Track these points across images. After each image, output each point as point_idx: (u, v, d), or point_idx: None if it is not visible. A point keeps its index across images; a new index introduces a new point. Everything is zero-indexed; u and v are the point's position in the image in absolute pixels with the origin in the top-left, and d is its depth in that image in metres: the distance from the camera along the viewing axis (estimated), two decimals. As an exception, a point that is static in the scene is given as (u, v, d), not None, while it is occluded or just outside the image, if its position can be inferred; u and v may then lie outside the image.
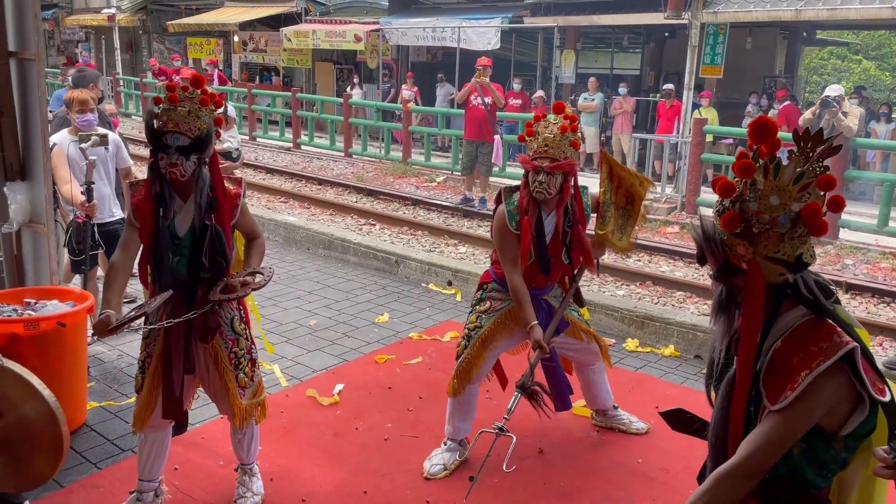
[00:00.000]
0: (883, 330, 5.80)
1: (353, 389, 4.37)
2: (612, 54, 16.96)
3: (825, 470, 1.74)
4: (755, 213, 1.71)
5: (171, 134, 2.72)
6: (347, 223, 9.47)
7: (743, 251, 1.73)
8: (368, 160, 14.38)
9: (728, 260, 1.76)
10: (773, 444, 1.68)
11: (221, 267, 2.88)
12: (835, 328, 1.71)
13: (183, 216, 2.86)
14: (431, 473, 3.49)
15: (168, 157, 2.73)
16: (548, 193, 3.24)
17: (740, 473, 1.71)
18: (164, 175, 2.78)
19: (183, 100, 2.76)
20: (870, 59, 30.48)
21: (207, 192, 2.82)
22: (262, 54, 20.51)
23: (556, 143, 3.20)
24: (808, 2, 11.69)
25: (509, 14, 15.06)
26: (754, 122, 1.77)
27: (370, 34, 16.90)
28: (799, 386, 1.65)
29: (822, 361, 1.65)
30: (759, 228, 1.72)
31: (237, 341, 3.01)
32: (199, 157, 2.79)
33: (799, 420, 1.67)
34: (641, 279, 7.11)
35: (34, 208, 4.19)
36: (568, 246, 3.41)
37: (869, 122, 11.95)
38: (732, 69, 13.29)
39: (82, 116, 4.68)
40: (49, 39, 27.45)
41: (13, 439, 2.54)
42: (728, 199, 1.75)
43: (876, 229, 8.47)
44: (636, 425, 3.90)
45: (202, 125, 2.77)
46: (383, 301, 6.08)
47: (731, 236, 1.74)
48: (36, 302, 3.75)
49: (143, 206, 2.84)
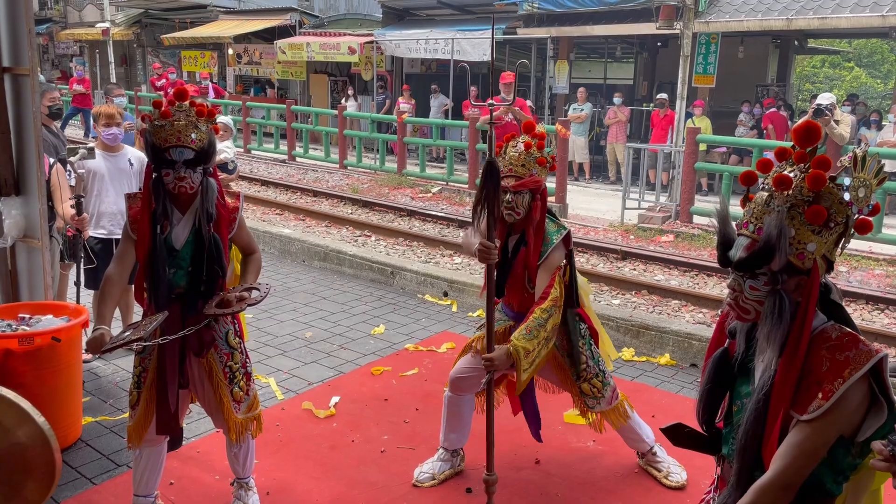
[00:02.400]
0: (878, 337, 5.81)
1: (349, 402, 4.36)
2: (605, 64, 17.05)
3: (841, 476, 1.74)
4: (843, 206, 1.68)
5: (175, 149, 2.72)
6: (343, 235, 9.47)
7: (814, 249, 1.70)
8: (363, 171, 14.40)
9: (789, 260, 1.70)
10: (808, 455, 1.67)
11: (217, 277, 2.87)
12: (858, 336, 1.70)
13: (181, 228, 2.85)
14: (419, 481, 3.49)
15: (175, 172, 2.73)
16: (515, 213, 3.17)
17: (780, 485, 1.68)
18: (172, 190, 2.77)
19: (176, 113, 2.76)
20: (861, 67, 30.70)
21: (214, 203, 2.83)
22: (257, 67, 20.56)
23: (521, 161, 3.17)
24: (799, 11, 11.79)
25: (503, 25, 15.14)
26: (800, 126, 1.76)
27: (364, 46, 16.97)
28: (833, 395, 1.64)
29: (853, 370, 1.64)
30: (834, 224, 1.69)
31: (232, 355, 3.01)
32: (205, 168, 2.81)
33: (830, 429, 1.66)
34: (637, 288, 7.12)
35: (29, 223, 4.19)
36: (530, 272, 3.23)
37: (860, 128, 12.02)
38: (725, 78, 13.37)
39: (107, 130, 4.70)
40: (43, 54, 27.49)
41: (7, 466, 2.52)
42: (815, 190, 1.69)
43: (870, 236, 8.50)
44: (672, 477, 3.52)
45: (203, 136, 2.79)
46: (379, 312, 6.08)
47: (807, 232, 1.69)
48: (31, 317, 3.74)
49: (140, 218, 2.83)
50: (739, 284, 1.78)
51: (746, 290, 1.77)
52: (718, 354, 1.93)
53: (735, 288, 1.80)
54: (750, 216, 1.78)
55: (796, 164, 1.76)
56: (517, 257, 3.24)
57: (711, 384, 1.93)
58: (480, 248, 2.89)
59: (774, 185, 1.73)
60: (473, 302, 6.22)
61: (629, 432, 3.56)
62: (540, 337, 3.02)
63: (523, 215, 3.19)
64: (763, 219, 1.74)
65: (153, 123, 2.76)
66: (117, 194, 4.76)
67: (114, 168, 4.76)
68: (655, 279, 7.56)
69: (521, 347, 2.94)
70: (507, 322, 3.44)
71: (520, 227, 3.22)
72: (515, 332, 3.01)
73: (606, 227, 9.99)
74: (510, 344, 2.95)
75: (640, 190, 10.86)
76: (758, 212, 1.76)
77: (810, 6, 11.80)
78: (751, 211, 1.79)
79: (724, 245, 1.83)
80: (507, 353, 2.92)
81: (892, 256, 8.08)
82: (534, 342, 2.99)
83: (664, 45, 15.90)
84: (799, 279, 1.72)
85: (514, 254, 3.25)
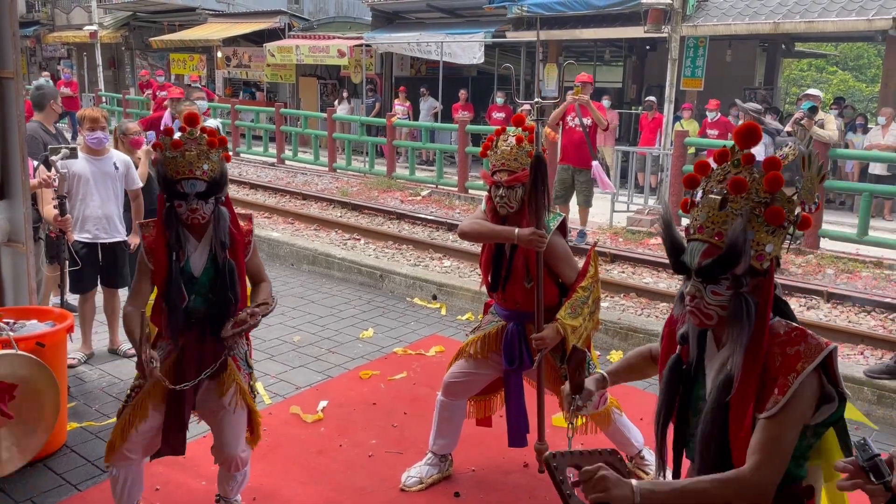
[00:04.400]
0: (864, 339, 5.84)
1: (337, 406, 4.34)
2: (594, 67, 17.11)
3: (802, 459, 1.78)
4: (792, 205, 1.70)
5: (187, 181, 2.70)
6: (332, 238, 9.45)
7: (771, 250, 1.71)
8: (353, 175, 14.38)
9: (749, 262, 1.71)
10: (778, 451, 1.69)
11: (230, 303, 2.85)
12: (805, 330, 1.73)
13: (198, 255, 2.85)
14: (407, 486, 3.49)
15: (187, 204, 2.72)
16: (509, 207, 3.21)
17: (752, 483, 1.68)
18: (185, 220, 2.77)
19: (188, 142, 2.73)
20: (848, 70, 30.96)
21: (228, 231, 2.82)
22: (246, 70, 20.51)
23: (513, 156, 3.18)
24: (785, 15, 11.87)
25: (492, 28, 15.17)
26: (741, 127, 1.76)
27: (354, 49, 16.96)
28: (789, 390, 1.67)
29: (805, 363, 1.67)
30: (787, 224, 1.71)
31: (250, 375, 3.06)
32: (217, 198, 2.79)
33: (793, 422, 1.69)
34: (625, 290, 7.13)
35: (13, 227, 4.16)
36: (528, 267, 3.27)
37: (847, 132, 12.10)
38: (713, 81, 13.45)
39: (92, 134, 4.67)
40: (31, 57, 27.33)
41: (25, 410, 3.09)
42: (772, 192, 1.70)
43: (856, 238, 8.56)
44: None
45: (215, 166, 2.76)
46: (368, 316, 6.07)
47: (764, 234, 1.71)
48: (15, 322, 3.70)
49: (156, 247, 2.81)
50: (700, 291, 1.76)
51: (708, 295, 1.75)
52: (672, 361, 1.93)
53: (695, 295, 1.77)
54: (704, 220, 1.75)
55: (743, 166, 1.74)
56: (516, 251, 3.25)
57: (670, 394, 1.92)
58: (536, 237, 3.05)
59: (730, 189, 1.71)
60: (463, 305, 6.22)
61: (617, 435, 3.56)
62: (584, 313, 3.21)
63: (517, 209, 3.21)
64: (720, 223, 1.72)
65: (165, 154, 2.73)
66: (102, 198, 4.73)
67: (98, 172, 4.73)
68: (644, 282, 7.58)
69: (568, 325, 3.14)
70: (498, 323, 3.44)
71: (514, 221, 3.24)
72: (560, 311, 3.18)
73: (595, 229, 10.00)
74: (557, 322, 3.14)
75: (629, 193, 10.89)
76: (713, 216, 1.73)
77: (797, 10, 11.90)
78: (703, 215, 1.76)
79: (675, 251, 1.82)
80: (556, 331, 3.13)
81: (879, 259, 8.13)
82: (578, 319, 3.18)
83: (653, 48, 15.99)
84: (758, 280, 1.73)
85: (514, 248, 3.26)
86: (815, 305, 6.80)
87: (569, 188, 8.87)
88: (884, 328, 6.24)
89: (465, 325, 5.73)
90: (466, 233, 3.34)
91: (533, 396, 3.40)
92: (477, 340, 3.46)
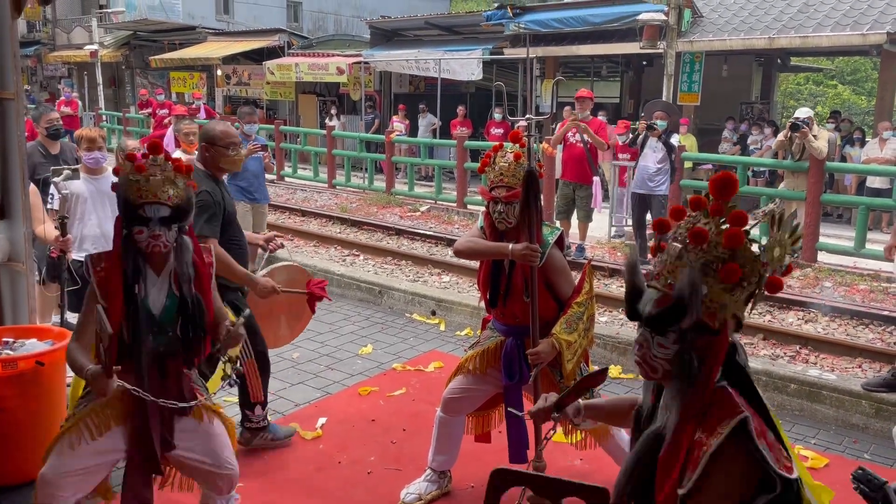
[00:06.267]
0: (862, 352, 5.85)
1: (336, 423, 4.35)
2: (592, 83, 17.20)
3: None
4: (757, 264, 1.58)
5: (150, 206, 2.55)
6: (331, 254, 9.47)
7: (726, 309, 1.58)
8: (352, 191, 14.43)
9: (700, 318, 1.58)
10: None
11: (200, 339, 2.70)
12: (734, 399, 1.60)
13: (157, 291, 2.66)
14: (406, 502, 3.49)
15: (149, 230, 2.55)
16: (508, 223, 3.23)
17: None
18: (145, 249, 2.59)
19: (152, 167, 2.58)
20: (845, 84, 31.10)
21: (191, 262, 2.66)
22: (246, 88, 20.61)
23: (511, 172, 3.20)
24: (780, 30, 11.97)
25: (489, 45, 15.28)
26: (717, 177, 1.65)
27: (353, 66, 17.07)
28: (699, 466, 1.53)
29: (718, 436, 1.53)
30: (746, 283, 1.58)
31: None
32: (181, 226, 2.64)
33: None
34: (623, 305, 7.13)
35: (13, 247, 4.18)
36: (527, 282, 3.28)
37: (844, 146, 12.15)
38: (710, 96, 13.53)
39: (90, 154, 4.70)
40: (32, 76, 27.48)
41: (292, 306, 4.07)
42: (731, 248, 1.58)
43: (853, 252, 8.59)
44: None
45: (180, 192, 2.61)
46: (367, 332, 6.08)
47: (720, 291, 1.58)
48: (14, 341, 3.72)
49: (110, 281, 2.59)
50: (647, 340, 1.67)
51: (654, 347, 1.65)
52: (634, 413, 1.83)
53: (643, 344, 1.69)
54: (662, 268, 1.67)
55: (711, 217, 1.64)
56: (515, 267, 3.28)
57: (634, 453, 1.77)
58: (530, 251, 3.08)
59: (690, 239, 1.61)
60: (462, 321, 6.23)
61: (616, 450, 3.56)
62: (579, 329, 3.23)
63: (515, 224, 3.24)
64: (675, 273, 1.62)
65: (127, 178, 2.58)
66: (100, 217, 4.74)
67: (96, 191, 4.75)
68: (643, 296, 7.58)
69: (564, 340, 3.15)
70: (497, 338, 3.45)
71: (512, 236, 3.26)
72: (556, 326, 3.19)
73: (594, 244, 10.03)
74: (553, 337, 3.15)
75: (627, 207, 10.91)
76: (670, 265, 1.64)
77: (792, 25, 12.00)
78: (663, 262, 1.67)
79: (632, 296, 1.71)
80: (552, 346, 3.14)
81: (876, 271, 8.14)
82: (574, 334, 3.20)
83: (649, 63, 16.09)
84: (709, 339, 1.61)
85: (512, 263, 3.28)
86: (813, 318, 6.82)
87: (570, 203, 8.93)
88: (882, 341, 6.25)
89: (464, 341, 5.74)
90: (461, 251, 3.37)
91: None
92: (476, 356, 3.48)
